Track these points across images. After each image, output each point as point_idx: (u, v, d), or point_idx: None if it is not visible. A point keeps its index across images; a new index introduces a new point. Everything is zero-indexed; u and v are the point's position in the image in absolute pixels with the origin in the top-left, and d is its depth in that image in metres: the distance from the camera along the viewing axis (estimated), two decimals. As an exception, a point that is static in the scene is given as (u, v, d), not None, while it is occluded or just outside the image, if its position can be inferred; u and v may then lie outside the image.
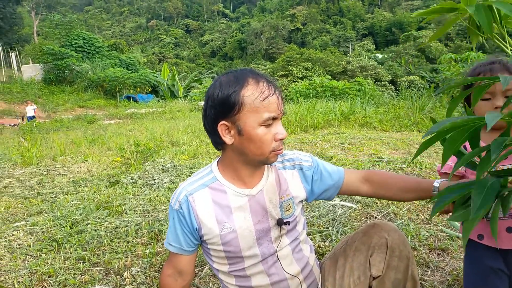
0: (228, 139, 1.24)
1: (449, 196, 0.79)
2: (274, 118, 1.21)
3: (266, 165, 1.39)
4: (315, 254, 1.53)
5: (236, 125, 1.21)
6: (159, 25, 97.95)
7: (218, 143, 1.29)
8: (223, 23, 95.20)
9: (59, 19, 31.25)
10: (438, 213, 1.40)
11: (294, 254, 1.38)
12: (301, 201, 1.43)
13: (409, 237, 2.48)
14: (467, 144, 1.30)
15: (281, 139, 1.22)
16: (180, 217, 1.31)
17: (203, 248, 1.40)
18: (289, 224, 1.35)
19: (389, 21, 72.48)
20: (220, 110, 1.21)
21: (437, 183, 1.27)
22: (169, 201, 1.38)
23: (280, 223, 1.33)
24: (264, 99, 1.18)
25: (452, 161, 1.50)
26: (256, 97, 1.18)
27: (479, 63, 1.43)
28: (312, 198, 1.46)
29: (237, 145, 1.24)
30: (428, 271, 2.12)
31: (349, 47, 65.65)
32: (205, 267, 2.29)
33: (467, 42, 53.90)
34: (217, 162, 1.38)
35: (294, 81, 28.71)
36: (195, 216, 1.29)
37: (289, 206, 1.37)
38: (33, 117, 17.07)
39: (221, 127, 1.23)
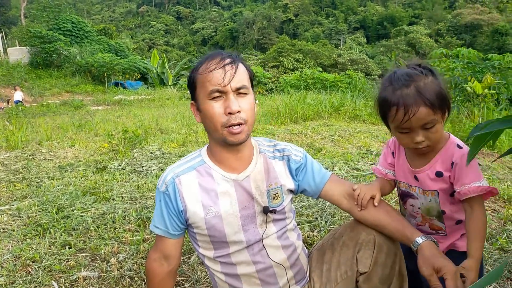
0: (198, 117, 1.31)
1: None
2: (221, 92, 1.20)
3: (255, 152, 1.38)
4: (303, 244, 1.53)
5: (197, 103, 1.27)
6: (149, 11, 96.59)
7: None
8: (214, 11, 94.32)
9: (47, 2, 30.58)
10: None
11: (280, 241, 1.37)
12: (291, 191, 1.42)
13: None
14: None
15: (230, 113, 1.20)
16: (166, 199, 1.30)
17: (189, 233, 1.39)
18: (275, 213, 1.34)
19: (381, 15, 72.71)
20: (189, 90, 1.31)
21: (420, 239, 1.23)
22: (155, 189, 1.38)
23: (266, 210, 1.32)
24: (208, 73, 1.21)
25: (382, 165, 1.49)
26: (202, 71, 1.22)
27: (389, 83, 1.24)
28: (296, 193, 1.47)
29: (203, 123, 1.30)
30: (414, 263, 2.14)
31: (340, 40, 65.72)
32: (193, 255, 2.28)
33: (457, 39, 54.36)
34: (207, 146, 1.39)
35: (285, 73, 28.71)
36: (181, 199, 1.28)
37: (277, 194, 1.36)
38: (20, 101, 16.80)
39: (192, 107, 1.32)
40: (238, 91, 1.22)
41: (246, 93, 1.25)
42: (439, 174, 1.28)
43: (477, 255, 1.14)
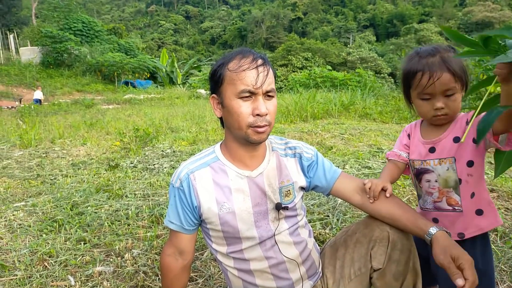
0: (218, 112, 1.31)
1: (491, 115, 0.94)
2: (252, 93, 1.21)
3: (267, 150, 1.39)
4: (315, 241, 1.54)
5: (220, 97, 1.27)
6: (158, 11, 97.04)
7: (219, 118, 1.35)
8: (223, 10, 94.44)
9: (58, 2, 30.89)
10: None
11: (292, 238, 1.38)
12: (302, 188, 1.43)
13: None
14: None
15: (258, 115, 1.21)
16: (180, 194, 1.31)
17: (203, 229, 1.41)
18: (287, 209, 1.35)
19: (391, 13, 72.15)
20: (211, 83, 1.30)
21: (434, 229, 1.21)
22: (169, 186, 1.39)
23: (278, 207, 1.33)
24: (240, 72, 1.20)
25: (397, 148, 1.53)
26: (234, 69, 1.21)
27: (416, 54, 1.36)
28: (307, 189, 1.48)
29: (224, 119, 1.30)
30: (427, 260, 2.14)
31: (349, 38, 65.39)
32: (206, 251, 2.31)
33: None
34: (221, 143, 1.41)
35: (293, 71, 28.63)
36: (195, 195, 1.29)
37: (289, 191, 1.37)
38: (39, 101, 17.03)
39: (213, 100, 1.31)
40: (267, 94, 1.24)
41: (273, 96, 1.26)
42: (456, 140, 1.34)
43: None
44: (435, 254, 1.15)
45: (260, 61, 1.23)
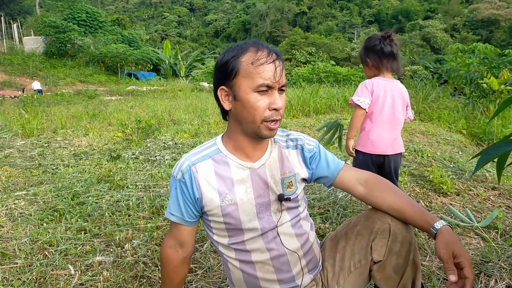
0: (227, 104, 1.27)
1: (493, 153, 0.90)
2: (269, 87, 1.20)
3: (269, 142, 1.39)
4: (316, 235, 1.54)
5: (232, 90, 1.24)
6: (163, 2, 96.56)
7: (223, 111, 1.32)
8: (227, 3, 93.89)
9: (62, -8, 30.84)
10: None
11: (294, 230, 1.38)
12: (304, 180, 1.43)
13: (409, 222, 2.49)
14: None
15: (275, 109, 1.21)
16: (182, 187, 1.31)
17: (203, 220, 1.41)
18: (290, 201, 1.35)
19: (396, 8, 71.66)
20: (221, 75, 1.26)
21: (439, 224, 1.22)
22: (170, 178, 1.39)
23: (281, 198, 1.33)
24: (258, 65, 1.19)
25: (359, 95, 2.13)
26: (251, 62, 1.20)
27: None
28: (309, 181, 1.48)
29: (234, 112, 1.27)
30: (426, 257, 2.14)
31: (354, 34, 65.07)
32: (206, 243, 2.31)
33: (473, 34, 53.39)
34: (222, 135, 1.40)
35: (297, 66, 28.55)
36: (197, 186, 1.29)
37: (291, 183, 1.37)
38: (40, 91, 17.08)
39: (221, 92, 1.28)
40: (280, 88, 1.24)
41: (284, 90, 1.27)
42: None
43: None
44: (437, 247, 1.16)
45: (274, 55, 1.22)
